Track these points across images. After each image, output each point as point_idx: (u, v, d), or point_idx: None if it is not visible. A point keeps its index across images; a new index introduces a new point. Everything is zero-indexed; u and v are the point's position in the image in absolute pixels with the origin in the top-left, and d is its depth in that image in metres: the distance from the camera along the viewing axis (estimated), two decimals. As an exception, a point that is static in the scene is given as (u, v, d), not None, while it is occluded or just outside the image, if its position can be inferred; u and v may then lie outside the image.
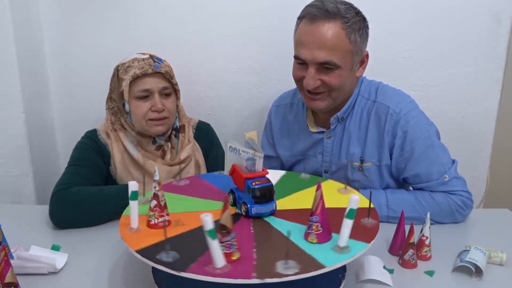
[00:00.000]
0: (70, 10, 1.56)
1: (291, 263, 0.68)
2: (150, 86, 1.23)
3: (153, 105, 1.23)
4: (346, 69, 1.10)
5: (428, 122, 1.18)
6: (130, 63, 1.23)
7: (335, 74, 1.09)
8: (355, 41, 1.09)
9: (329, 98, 1.14)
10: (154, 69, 1.22)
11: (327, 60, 1.07)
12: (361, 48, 1.12)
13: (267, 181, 0.85)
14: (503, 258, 0.95)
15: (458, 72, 1.57)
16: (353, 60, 1.11)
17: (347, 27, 1.07)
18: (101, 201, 1.14)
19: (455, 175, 1.15)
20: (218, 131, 1.51)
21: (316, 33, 1.07)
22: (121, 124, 1.30)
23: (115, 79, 1.27)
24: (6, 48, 1.42)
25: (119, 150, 1.29)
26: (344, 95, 1.17)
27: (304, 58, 1.10)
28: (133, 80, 1.22)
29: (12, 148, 1.51)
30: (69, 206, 1.13)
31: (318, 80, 1.10)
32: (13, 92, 1.46)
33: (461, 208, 1.13)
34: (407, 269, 0.94)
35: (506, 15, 1.50)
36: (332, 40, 1.06)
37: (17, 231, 1.03)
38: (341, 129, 1.23)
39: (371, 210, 0.85)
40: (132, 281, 0.91)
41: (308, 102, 1.17)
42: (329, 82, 1.10)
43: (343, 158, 1.23)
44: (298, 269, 0.67)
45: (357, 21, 1.09)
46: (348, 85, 1.15)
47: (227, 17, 1.56)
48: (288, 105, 1.35)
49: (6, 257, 0.79)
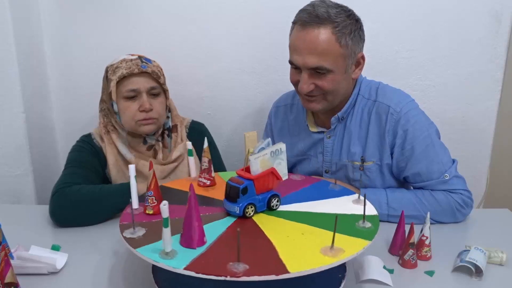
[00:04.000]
0: (70, 10, 1.57)
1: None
2: (137, 86, 1.23)
3: (141, 105, 1.23)
4: (339, 72, 1.11)
5: (428, 122, 1.19)
6: (118, 64, 1.24)
7: (328, 78, 1.10)
8: (347, 44, 1.09)
9: (324, 101, 1.16)
10: (140, 69, 1.23)
11: (317, 65, 1.08)
12: (354, 50, 1.11)
13: (242, 183, 0.84)
14: (503, 258, 0.95)
15: (458, 72, 1.57)
16: (346, 63, 1.11)
17: (337, 32, 1.07)
18: (102, 198, 1.15)
19: (455, 174, 1.15)
20: (218, 131, 1.51)
21: (306, 39, 1.08)
22: (113, 125, 1.31)
23: (104, 80, 1.28)
24: (6, 48, 1.42)
25: (113, 153, 1.29)
26: (340, 97, 1.17)
27: (296, 63, 1.12)
28: (120, 80, 1.22)
29: (12, 148, 1.51)
30: (70, 204, 1.13)
31: (312, 84, 1.12)
32: (13, 92, 1.46)
33: (461, 207, 1.13)
34: (407, 269, 0.94)
35: (506, 15, 1.50)
36: (322, 45, 1.07)
37: (17, 231, 1.03)
38: (342, 128, 1.23)
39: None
40: (132, 281, 0.91)
41: (304, 104, 1.19)
42: (323, 86, 1.11)
43: (344, 158, 1.23)
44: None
45: (348, 25, 1.08)
46: (343, 87, 1.15)
47: (227, 17, 1.56)
48: (288, 106, 1.36)
49: (6, 257, 0.79)
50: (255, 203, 0.86)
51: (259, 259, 0.71)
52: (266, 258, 0.71)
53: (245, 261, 0.69)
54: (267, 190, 0.87)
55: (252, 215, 0.86)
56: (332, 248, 0.72)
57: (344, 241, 0.75)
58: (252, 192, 0.85)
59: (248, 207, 0.85)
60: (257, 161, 0.84)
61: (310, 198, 0.96)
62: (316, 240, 0.76)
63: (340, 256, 0.70)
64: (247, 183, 0.84)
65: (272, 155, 0.86)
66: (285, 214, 0.88)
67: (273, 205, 0.88)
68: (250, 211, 0.86)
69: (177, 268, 0.68)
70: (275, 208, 0.89)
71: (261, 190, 0.86)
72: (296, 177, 1.09)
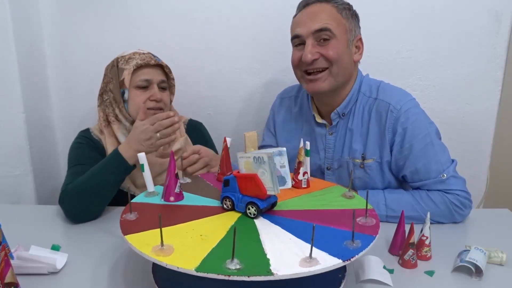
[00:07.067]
0: (70, 10, 1.57)
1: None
2: (150, 77, 1.28)
3: (152, 94, 1.27)
4: (342, 42, 1.15)
5: (429, 121, 1.19)
6: (131, 55, 1.28)
7: (332, 45, 1.14)
8: (347, 17, 1.16)
9: (330, 77, 1.16)
10: (156, 61, 1.29)
11: (322, 26, 1.13)
12: (353, 28, 1.17)
13: (228, 176, 0.88)
14: (503, 258, 0.95)
15: (458, 72, 1.57)
16: (348, 37, 1.16)
17: (337, 6, 1.16)
18: (98, 177, 1.16)
19: (454, 174, 1.15)
20: (218, 131, 1.51)
21: (309, 12, 1.16)
22: (115, 116, 1.31)
23: (114, 69, 1.29)
24: (6, 48, 1.42)
25: (113, 144, 1.30)
26: (344, 74, 1.18)
27: (300, 33, 1.15)
28: (134, 70, 1.26)
29: (12, 148, 1.51)
30: (77, 198, 1.15)
31: (317, 53, 1.14)
32: (13, 92, 1.46)
33: (458, 208, 1.13)
34: (407, 269, 0.94)
35: (506, 15, 1.50)
36: (325, 13, 1.14)
37: (17, 231, 1.03)
38: (344, 126, 1.23)
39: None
40: (132, 281, 0.91)
41: (309, 86, 1.19)
42: (327, 54, 1.14)
43: (345, 155, 1.23)
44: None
45: (346, 6, 1.17)
46: (346, 62, 1.17)
47: (227, 17, 1.56)
48: (293, 97, 1.37)
49: (6, 257, 0.79)
50: (233, 198, 0.87)
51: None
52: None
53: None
54: (255, 195, 0.85)
55: (230, 209, 0.89)
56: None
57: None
58: (233, 187, 0.87)
59: (226, 199, 0.89)
60: (241, 160, 0.87)
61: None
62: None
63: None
64: (230, 177, 0.88)
65: (255, 161, 0.84)
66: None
67: (249, 212, 0.86)
68: (229, 204, 0.88)
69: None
70: (252, 216, 0.86)
71: (246, 192, 0.86)
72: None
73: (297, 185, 1.02)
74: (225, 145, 1.07)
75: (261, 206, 0.85)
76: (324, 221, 0.84)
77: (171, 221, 0.84)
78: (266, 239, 0.78)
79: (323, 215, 0.88)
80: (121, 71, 1.26)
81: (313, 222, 0.73)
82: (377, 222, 0.83)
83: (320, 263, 0.69)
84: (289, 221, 0.85)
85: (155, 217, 0.84)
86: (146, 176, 0.99)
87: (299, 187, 1.02)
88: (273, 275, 0.66)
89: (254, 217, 0.85)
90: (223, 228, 0.82)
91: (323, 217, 0.87)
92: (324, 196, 0.98)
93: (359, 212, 0.85)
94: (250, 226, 0.83)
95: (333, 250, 0.73)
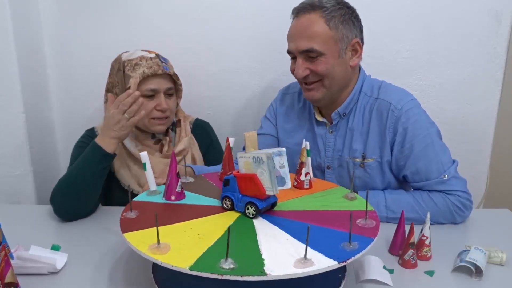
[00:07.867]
0: (70, 9, 1.57)
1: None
2: (157, 86, 1.26)
3: (158, 104, 1.26)
4: (332, 56, 1.14)
5: (430, 121, 1.19)
6: (138, 61, 1.24)
7: (320, 61, 1.13)
8: (336, 27, 1.12)
9: (323, 88, 1.17)
10: (163, 70, 1.25)
11: (308, 48, 1.12)
12: (346, 35, 1.14)
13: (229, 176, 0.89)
14: (503, 258, 0.95)
15: (458, 72, 1.57)
16: (339, 47, 1.14)
17: (326, 15, 1.12)
18: (78, 171, 1.17)
19: (455, 175, 1.15)
20: (218, 131, 1.51)
21: (298, 25, 1.15)
22: None
23: (120, 74, 1.27)
24: (6, 48, 1.42)
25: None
26: (338, 83, 1.18)
27: (290, 50, 1.17)
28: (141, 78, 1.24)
29: (12, 148, 1.51)
30: (62, 195, 1.16)
31: (307, 70, 1.15)
32: (13, 92, 1.46)
33: (459, 209, 1.13)
34: (407, 269, 0.94)
35: (506, 15, 1.50)
36: (311, 28, 1.12)
37: (17, 231, 1.03)
38: (344, 125, 1.23)
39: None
40: (132, 281, 0.91)
41: (306, 94, 1.21)
42: (316, 70, 1.14)
43: (345, 154, 1.23)
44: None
45: (337, 9, 1.13)
46: (338, 72, 1.16)
47: (227, 17, 1.56)
48: (296, 94, 1.37)
49: (6, 257, 0.79)
50: (233, 198, 0.88)
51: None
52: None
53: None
54: (254, 195, 0.85)
55: (230, 209, 0.89)
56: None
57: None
58: (233, 187, 0.87)
59: (226, 198, 0.89)
60: (241, 160, 0.87)
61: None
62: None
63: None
64: (230, 177, 0.88)
65: (254, 161, 0.84)
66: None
67: (248, 212, 0.86)
68: (228, 204, 0.89)
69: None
70: (251, 216, 0.86)
71: (246, 192, 0.86)
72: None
73: (299, 185, 1.02)
74: (228, 145, 1.08)
75: (260, 206, 0.84)
76: (323, 222, 0.83)
77: (170, 220, 0.84)
78: (263, 239, 0.78)
79: (323, 216, 0.88)
80: (127, 77, 1.24)
81: (312, 223, 0.74)
82: (377, 224, 0.83)
83: (315, 264, 0.69)
84: (288, 221, 0.85)
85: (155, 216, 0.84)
86: (148, 175, 1.00)
87: (301, 187, 1.02)
88: (266, 275, 0.66)
89: (253, 217, 0.85)
90: (221, 227, 0.82)
91: (323, 218, 0.87)
92: (326, 197, 0.98)
93: (359, 214, 0.85)
94: (248, 226, 0.83)
95: (329, 252, 0.73)
